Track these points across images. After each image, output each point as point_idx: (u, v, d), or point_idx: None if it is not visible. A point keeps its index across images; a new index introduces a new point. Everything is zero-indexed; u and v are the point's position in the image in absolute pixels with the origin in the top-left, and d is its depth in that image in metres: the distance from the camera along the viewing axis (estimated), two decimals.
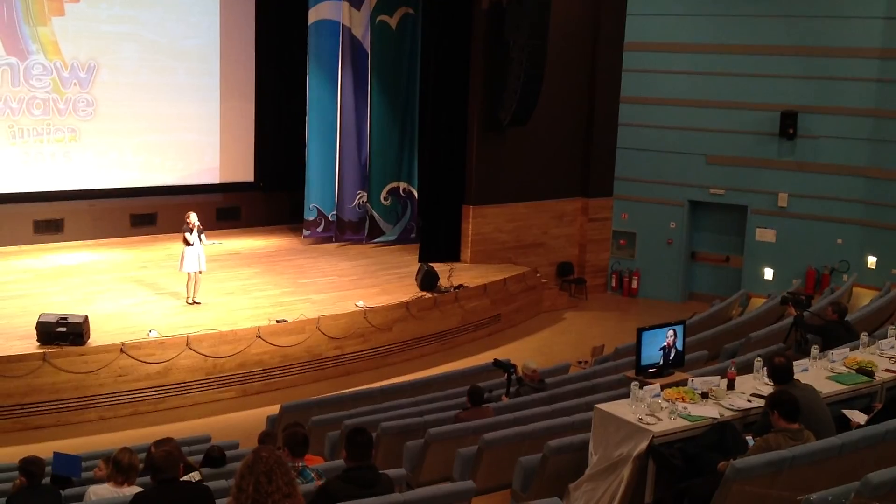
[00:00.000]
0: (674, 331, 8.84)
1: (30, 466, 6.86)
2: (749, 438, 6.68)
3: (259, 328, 13.35)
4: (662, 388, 7.45)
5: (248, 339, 13.17)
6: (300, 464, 6.39)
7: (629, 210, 19.93)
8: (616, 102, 19.62)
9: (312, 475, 6.45)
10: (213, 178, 19.80)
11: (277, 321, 13.68)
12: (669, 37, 18.96)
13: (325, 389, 12.98)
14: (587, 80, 19.30)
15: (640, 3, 19.21)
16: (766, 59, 18.09)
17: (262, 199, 20.60)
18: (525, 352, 14.96)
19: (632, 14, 19.28)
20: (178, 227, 15.35)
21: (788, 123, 17.86)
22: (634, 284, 19.99)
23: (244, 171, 20.23)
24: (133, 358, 12.24)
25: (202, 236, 14.25)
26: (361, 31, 19.00)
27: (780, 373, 7.03)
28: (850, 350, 8.83)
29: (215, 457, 7.83)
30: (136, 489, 6.21)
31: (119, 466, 6.33)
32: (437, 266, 16.45)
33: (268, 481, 4.41)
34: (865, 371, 8.07)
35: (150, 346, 12.45)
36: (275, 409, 11.22)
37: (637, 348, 8.79)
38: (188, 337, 12.73)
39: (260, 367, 13.27)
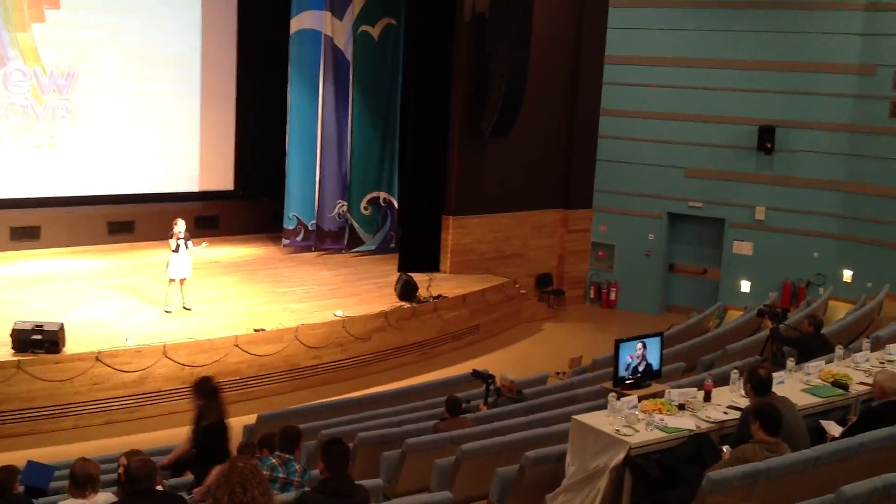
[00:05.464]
0: (643, 343, 8.89)
1: None
2: (725, 449, 6.71)
3: (237, 337, 13.29)
4: (640, 399, 7.48)
5: (225, 348, 13.10)
6: (287, 456, 6.49)
7: (608, 222, 20.01)
8: (596, 115, 19.72)
9: (296, 467, 6.53)
10: (192, 185, 19.70)
11: (255, 330, 13.62)
12: (650, 51, 19.10)
13: (303, 399, 12.93)
14: (568, 92, 19.39)
15: (621, 16, 19.32)
16: (745, 74, 18.25)
17: (241, 207, 20.50)
18: (503, 362, 14.95)
19: (613, 27, 19.41)
20: (156, 235, 15.29)
21: (766, 138, 18.02)
22: (613, 296, 20.06)
23: (224, 180, 20.13)
24: (109, 366, 12.15)
25: (189, 243, 14.19)
26: (343, 41, 19.01)
27: (762, 384, 7.03)
28: (826, 363, 8.90)
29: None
30: (108, 496, 6.13)
31: (74, 480, 6.07)
32: (416, 276, 16.43)
33: (242, 491, 4.41)
34: (840, 384, 8.13)
35: (127, 355, 12.35)
36: (251, 419, 11.16)
37: (615, 360, 8.83)
38: (165, 345, 12.64)
39: (237, 376, 13.18)
